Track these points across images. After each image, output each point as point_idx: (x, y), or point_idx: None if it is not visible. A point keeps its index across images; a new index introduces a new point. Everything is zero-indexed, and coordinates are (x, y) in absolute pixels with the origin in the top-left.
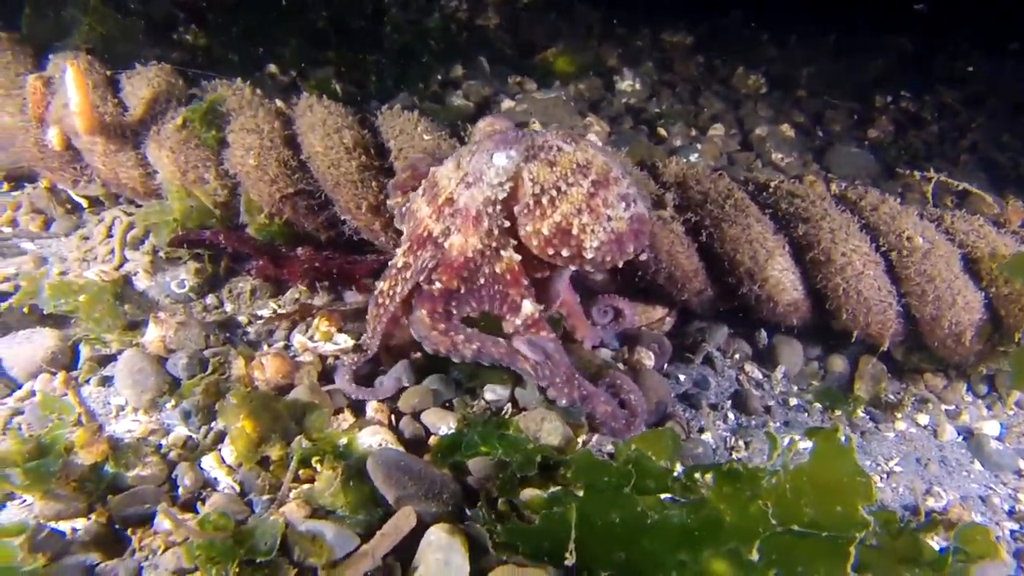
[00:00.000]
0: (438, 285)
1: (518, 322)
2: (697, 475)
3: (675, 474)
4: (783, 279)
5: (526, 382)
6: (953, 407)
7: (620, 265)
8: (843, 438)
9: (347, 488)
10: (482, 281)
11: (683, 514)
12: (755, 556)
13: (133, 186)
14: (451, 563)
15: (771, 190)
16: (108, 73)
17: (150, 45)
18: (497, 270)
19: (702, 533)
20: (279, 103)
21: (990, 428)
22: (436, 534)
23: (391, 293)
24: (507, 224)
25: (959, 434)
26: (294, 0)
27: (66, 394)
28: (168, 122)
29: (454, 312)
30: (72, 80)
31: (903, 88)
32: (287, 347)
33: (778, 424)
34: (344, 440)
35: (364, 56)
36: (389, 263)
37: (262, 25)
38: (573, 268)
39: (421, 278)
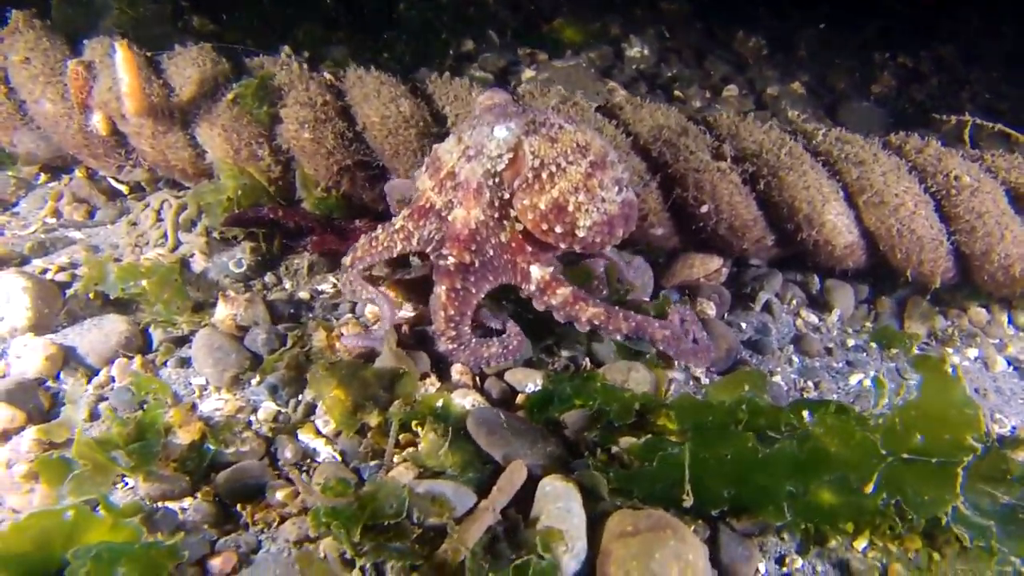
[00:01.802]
0: (452, 259)
1: (532, 288)
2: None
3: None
4: (839, 223)
5: (601, 336)
6: (998, 340)
7: (607, 250)
8: (951, 369)
9: (454, 448)
10: (491, 252)
11: (793, 447)
12: (870, 488)
13: (183, 168)
14: (572, 511)
15: (821, 138)
16: (148, 55)
17: None
18: (503, 239)
19: (810, 465)
20: (328, 75)
21: None
22: (552, 484)
23: (386, 244)
24: (508, 195)
25: (1009, 364)
26: None
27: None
28: (217, 101)
29: (473, 291)
30: (122, 60)
31: (899, 46)
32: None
33: (841, 363)
34: (440, 402)
35: (378, 34)
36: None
37: (274, 8)
38: (563, 247)
39: (429, 248)
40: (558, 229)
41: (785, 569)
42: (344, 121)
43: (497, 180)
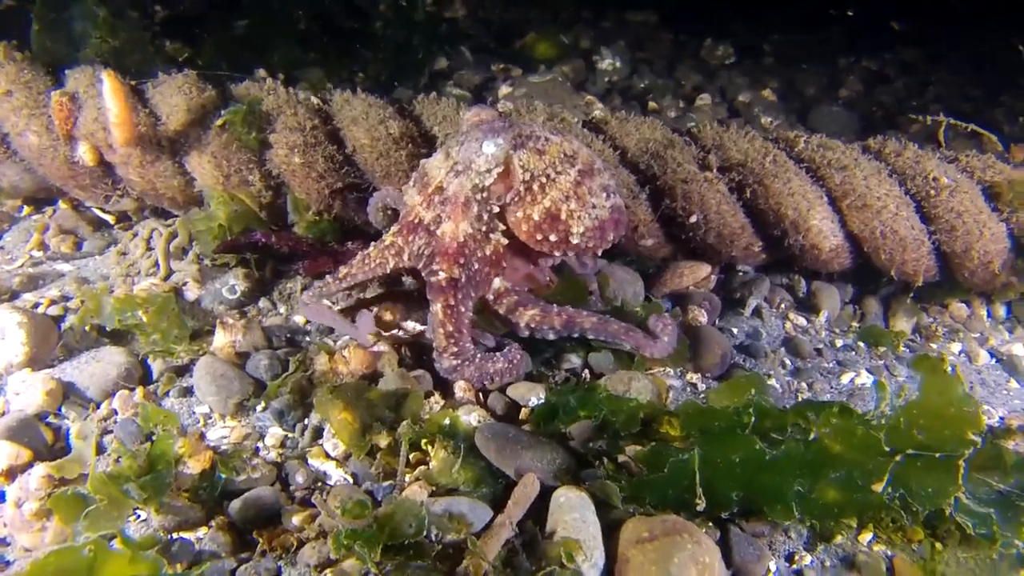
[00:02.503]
0: (442, 275)
1: (490, 297)
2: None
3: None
4: (824, 227)
5: (599, 348)
6: (979, 334)
7: (599, 253)
8: (950, 368)
9: (465, 464)
10: (476, 266)
11: (799, 448)
12: (881, 486)
13: (172, 196)
14: (587, 520)
15: (803, 145)
16: (132, 84)
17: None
18: (487, 252)
19: (817, 464)
20: (315, 99)
21: (1018, 349)
22: (566, 495)
23: (378, 260)
24: (496, 209)
25: (992, 357)
26: (281, 4)
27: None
28: (205, 128)
29: (463, 309)
30: (110, 90)
31: (863, 50)
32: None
33: (832, 363)
34: (448, 420)
35: (352, 55)
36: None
37: (248, 30)
38: (557, 254)
39: (420, 264)
40: (552, 237)
41: (795, 566)
42: (333, 144)
43: (485, 195)
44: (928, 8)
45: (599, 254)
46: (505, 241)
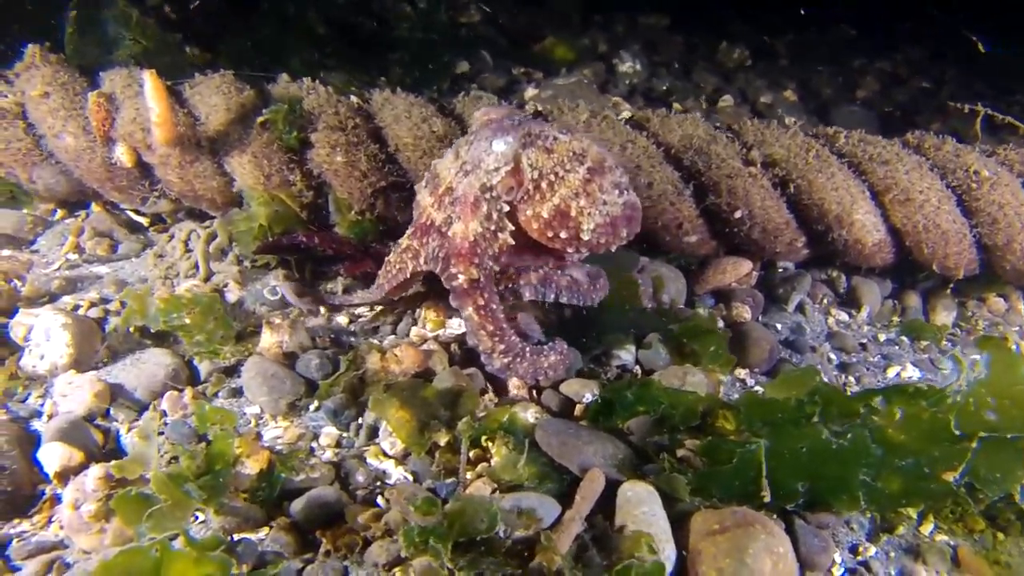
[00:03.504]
0: (462, 278)
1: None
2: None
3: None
4: (868, 222)
5: (649, 344)
6: (1018, 327)
7: (612, 250)
8: (1015, 346)
9: (529, 460)
10: (489, 264)
11: (866, 436)
12: (955, 476)
13: (211, 197)
14: (656, 514)
15: (843, 140)
16: (169, 84)
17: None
18: (495, 250)
19: (885, 452)
20: (354, 98)
21: None
22: (633, 489)
23: (399, 266)
24: (506, 208)
25: None
26: (300, 9)
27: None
28: (246, 128)
29: (495, 306)
30: (152, 90)
31: (872, 51)
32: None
33: (877, 358)
34: (507, 417)
35: (373, 59)
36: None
37: (268, 35)
38: (570, 251)
39: (437, 269)
40: (563, 234)
41: (860, 557)
42: (376, 143)
43: (494, 193)
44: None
45: (612, 250)
46: (511, 240)
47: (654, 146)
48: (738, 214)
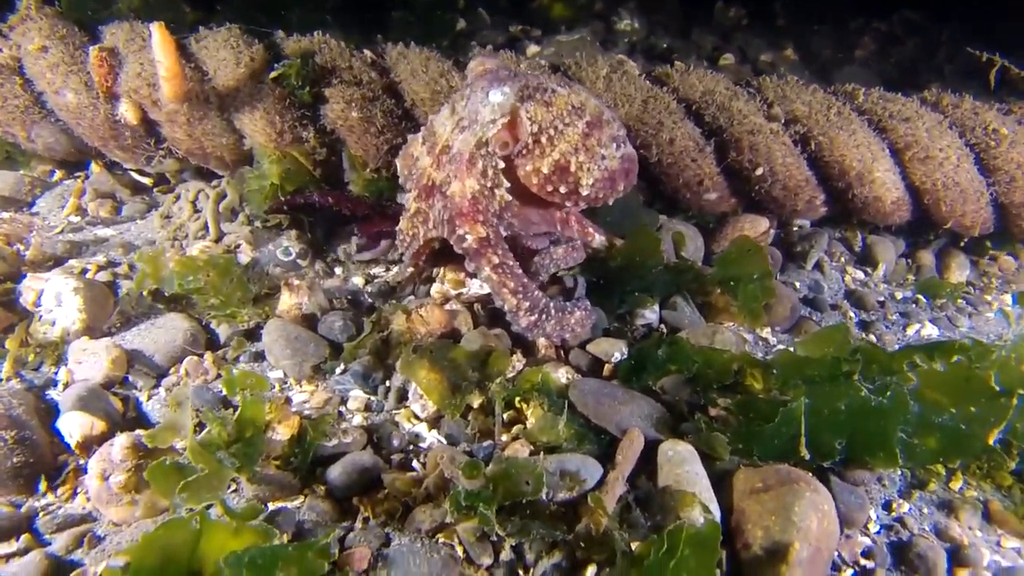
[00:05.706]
0: (470, 239)
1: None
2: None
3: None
4: (888, 179)
5: (675, 304)
6: None
7: (610, 203)
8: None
9: (567, 421)
10: (493, 220)
11: (905, 392)
12: (995, 435)
13: (221, 155)
14: (699, 473)
15: (863, 98)
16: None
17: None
18: (496, 206)
19: (924, 408)
20: (368, 52)
21: None
22: (673, 449)
23: (411, 233)
24: (501, 164)
25: None
26: None
27: (220, 374)
28: (256, 84)
29: (511, 261)
30: (160, 43)
31: (870, 11)
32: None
33: (896, 316)
34: (540, 377)
35: (376, 16)
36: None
37: None
38: (568, 205)
39: (445, 232)
40: (563, 189)
41: (894, 514)
42: (392, 98)
43: (491, 148)
44: None
45: (610, 203)
46: (508, 197)
47: (675, 102)
48: (759, 171)
